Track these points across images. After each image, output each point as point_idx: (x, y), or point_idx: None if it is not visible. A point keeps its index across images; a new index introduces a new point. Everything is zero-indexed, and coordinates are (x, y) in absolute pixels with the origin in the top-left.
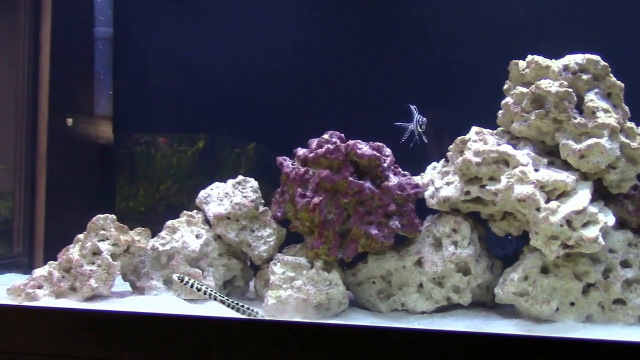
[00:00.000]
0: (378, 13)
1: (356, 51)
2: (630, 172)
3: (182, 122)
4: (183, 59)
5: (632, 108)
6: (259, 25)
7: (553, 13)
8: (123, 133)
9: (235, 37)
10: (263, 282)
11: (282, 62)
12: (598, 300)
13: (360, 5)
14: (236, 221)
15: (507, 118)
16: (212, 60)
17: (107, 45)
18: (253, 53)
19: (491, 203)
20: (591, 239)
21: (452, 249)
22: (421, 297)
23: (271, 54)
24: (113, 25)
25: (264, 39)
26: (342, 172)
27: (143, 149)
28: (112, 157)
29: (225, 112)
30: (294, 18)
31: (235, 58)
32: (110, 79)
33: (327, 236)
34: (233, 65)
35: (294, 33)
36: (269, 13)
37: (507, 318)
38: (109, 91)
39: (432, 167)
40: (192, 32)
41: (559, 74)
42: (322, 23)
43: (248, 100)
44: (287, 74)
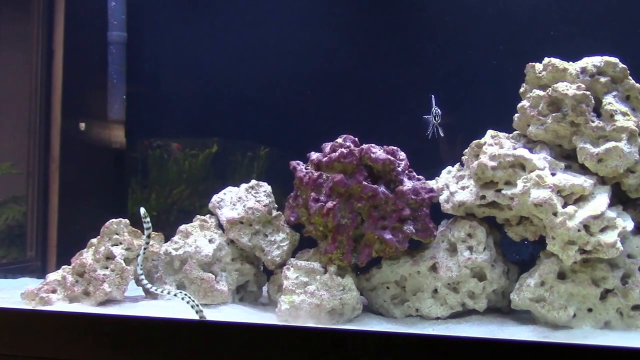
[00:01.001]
0: (392, 16)
1: (370, 54)
2: None
3: (195, 126)
4: (196, 63)
5: None
6: (271, 29)
7: (570, 15)
8: (136, 137)
9: (248, 41)
10: (276, 287)
11: (295, 65)
12: (616, 307)
13: (374, 8)
14: (249, 226)
15: (523, 121)
16: (225, 65)
17: (121, 50)
18: (266, 57)
19: (507, 208)
20: (609, 244)
21: (467, 254)
22: (436, 302)
23: (284, 57)
24: (126, 30)
25: (276, 42)
26: (355, 177)
27: (156, 153)
28: (124, 162)
29: (237, 116)
30: (306, 22)
31: (248, 62)
32: (124, 84)
33: (341, 241)
34: (246, 69)
35: (307, 36)
36: (281, 17)
37: (524, 324)
38: (122, 95)
39: (447, 171)
40: (204, 37)
41: (576, 76)
42: (335, 26)
43: (261, 104)
44: (301, 78)
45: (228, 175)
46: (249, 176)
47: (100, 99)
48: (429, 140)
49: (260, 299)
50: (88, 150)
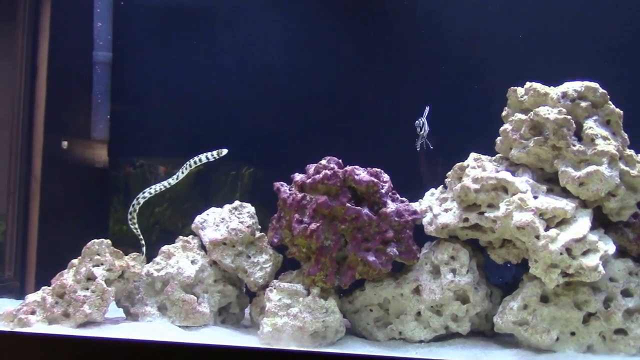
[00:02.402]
0: (376, 39)
1: (355, 76)
2: (630, 200)
3: (178, 145)
4: (180, 84)
5: (632, 136)
6: (256, 50)
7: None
8: (119, 157)
9: (232, 63)
10: (259, 309)
11: (280, 86)
12: (599, 330)
13: (357, 31)
14: (232, 247)
15: (505, 145)
16: (209, 85)
17: (106, 70)
18: (250, 77)
19: (490, 230)
20: (591, 267)
21: (450, 276)
22: (419, 325)
23: (268, 78)
24: (112, 50)
25: (261, 63)
26: (339, 198)
27: (138, 172)
28: (107, 181)
29: (221, 136)
30: (291, 44)
31: (232, 83)
32: (108, 103)
33: (324, 263)
34: (230, 90)
35: (291, 58)
36: (266, 39)
37: (507, 348)
38: (106, 115)
39: (430, 194)
40: (189, 58)
41: (557, 101)
42: (320, 49)
43: (245, 124)
44: (285, 99)
45: (211, 195)
46: (233, 196)
47: (83, 118)
48: (413, 163)
49: (242, 321)
50: (70, 169)
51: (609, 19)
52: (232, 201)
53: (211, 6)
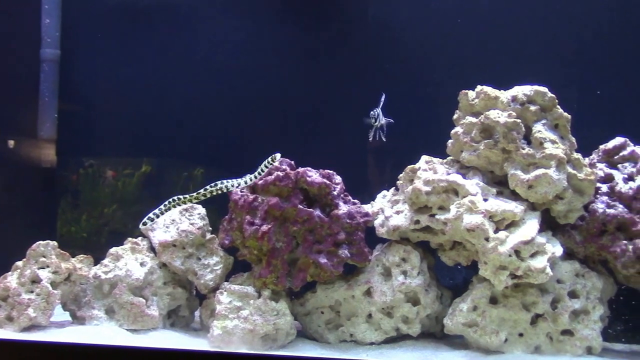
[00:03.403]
0: (329, 40)
1: (307, 77)
2: (577, 203)
3: (129, 145)
4: (131, 83)
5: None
6: (208, 50)
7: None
8: (67, 156)
9: (184, 62)
10: (209, 311)
11: (232, 87)
12: (546, 331)
13: (310, 33)
14: (182, 249)
15: (456, 147)
16: (161, 85)
17: (54, 68)
18: (202, 77)
19: (441, 232)
20: (539, 269)
21: (401, 278)
22: (370, 327)
23: (220, 78)
24: (60, 48)
25: (214, 63)
26: (291, 200)
27: (88, 173)
28: (55, 181)
29: (173, 136)
30: (243, 44)
31: (184, 82)
32: (56, 102)
33: (276, 265)
34: (182, 89)
35: (245, 58)
36: (218, 38)
37: (457, 349)
38: (54, 114)
39: (382, 196)
40: (140, 56)
41: (507, 104)
42: (273, 49)
43: (197, 124)
44: (237, 99)
45: (163, 196)
46: None
47: (30, 116)
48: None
49: (192, 324)
50: (17, 169)
51: (559, 24)
52: None
53: (163, 4)
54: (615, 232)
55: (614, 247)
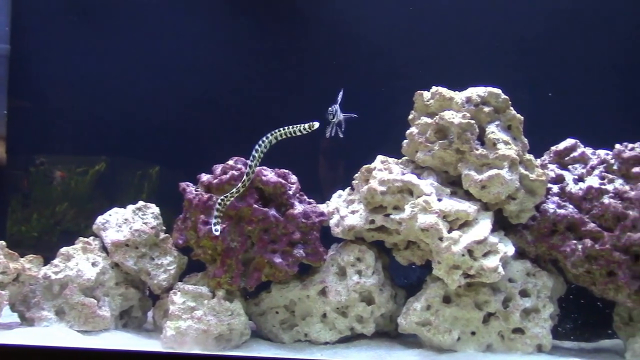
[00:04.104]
0: (283, 40)
1: (263, 77)
2: (529, 203)
3: (82, 143)
4: (83, 79)
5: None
6: (164, 48)
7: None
8: (18, 154)
9: (139, 59)
10: (162, 312)
11: (189, 85)
12: (498, 330)
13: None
14: (135, 248)
15: (411, 148)
16: (115, 82)
17: (3, 63)
18: (157, 75)
19: (395, 232)
20: (491, 268)
21: (356, 278)
22: (325, 327)
23: (177, 76)
24: (10, 42)
25: (168, 61)
26: (246, 199)
27: (39, 171)
28: (4, 179)
29: (127, 134)
30: (199, 42)
31: (138, 79)
32: (5, 98)
33: (230, 265)
34: (137, 86)
35: (201, 57)
36: (174, 36)
37: (410, 348)
38: (3, 110)
39: (337, 195)
40: (93, 52)
41: (462, 105)
42: (229, 48)
43: (152, 122)
44: (195, 98)
45: (117, 195)
46: (139, 196)
47: None
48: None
49: (144, 325)
50: None
51: (514, 27)
52: (136, 202)
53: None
54: (565, 232)
55: (564, 247)
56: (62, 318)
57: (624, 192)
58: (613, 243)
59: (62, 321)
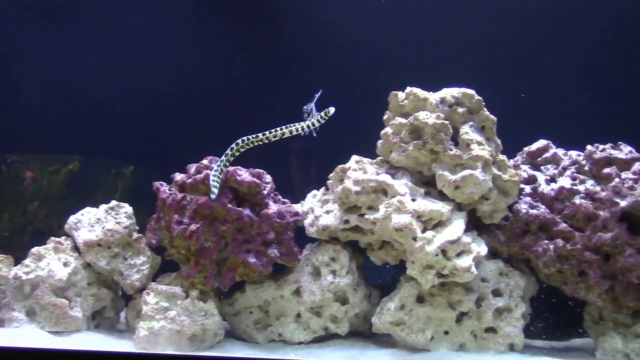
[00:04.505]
0: (258, 39)
1: (238, 77)
2: (501, 203)
3: (55, 141)
4: (56, 76)
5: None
6: (138, 46)
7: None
8: None
9: (114, 57)
10: (135, 312)
11: (163, 83)
12: (471, 329)
13: (240, 30)
14: (108, 248)
15: (386, 148)
16: (89, 80)
17: None
18: (132, 73)
19: (370, 232)
20: (465, 268)
21: (330, 277)
22: (299, 327)
23: (152, 75)
24: None
25: (143, 60)
26: (220, 199)
27: (10, 169)
28: None
29: (101, 133)
30: (172, 40)
31: (113, 78)
32: None
33: (204, 264)
34: (110, 85)
35: (174, 56)
36: (149, 35)
37: (384, 347)
38: None
39: (312, 195)
40: (67, 49)
41: (436, 106)
42: (203, 47)
43: (126, 121)
44: (169, 96)
45: (90, 195)
46: (113, 196)
47: None
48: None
49: (117, 326)
50: None
51: (487, 29)
52: (109, 201)
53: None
54: (537, 232)
55: (536, 247)
56: (33, 319)
57: (595, 192)
58: (584, 243)
59: (33, 322)
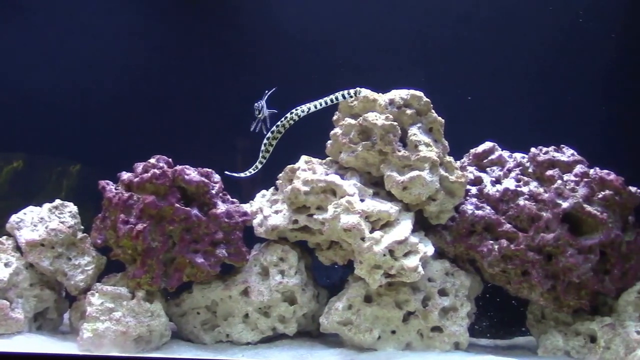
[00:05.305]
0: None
1: (187, 76)
2: (448, 204)
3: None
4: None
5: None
6: (85, 41)
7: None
8: None
9: (59, 54)
10: (79, 314)
11: (111, 81)
12: (417, 328)
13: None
14: (51, 248)
15: (335, 148)
16: (34, 76)
17: None
18: (79, 71)
19: (318, 232)
20: (412, 268)
21: (279, 278)
22: (247, 327)
23: (99, 72)
24: None
25: (89, 57)
26: (168, 198)
27: None
28: None
29: (47, 131)
30: (121, 39)
31: (58, 75)
32: None
33: (151, 265)
34: (57, 83)
35: (122, 54)
36: (96, 32)
37: (332, 347)
38: None
39: (261, 195)
40: (10, 44)
41: (385, 107)
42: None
43: (73, 119)
44: (116, 94)
45: (34, 194)
46: (58, 194)
47: None
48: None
49: (60, 327)
50: None
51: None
52: (52, 200)
53: None
54: (482, 233)
55: (481, 247)
56: None
57: (538, 194)
58: (527, 243)
59: None
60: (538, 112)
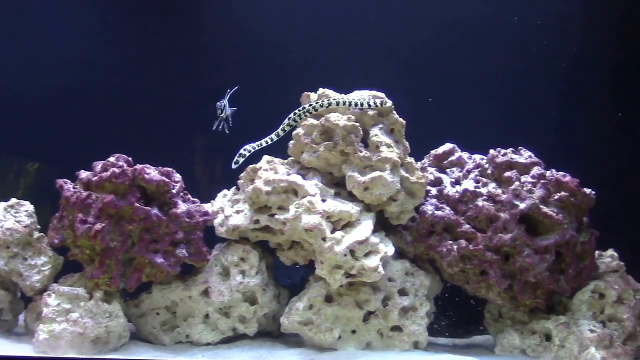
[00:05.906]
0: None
1: (150, 75)
2: (409, 205)
3: None
4: None
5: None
6: (43, 38)
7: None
8: None
9: (17, 50)
10: (35, 315)
11: (70, 79)
12: (378, 328)
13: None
14: (6, 248)
15: (298, 149)
16: None
17: None
18: (36, 67)
19: (280, 232)
20: (372, 268)
21: (240, 278)
22: (207, 328)
23: (57, 69)
24: None
25: (49, 55)
26: (128, 198)
27: None
28: None
29: (3, 128)
30: (83, 37)
31: (18, 71)
32: None
33: (109, 265)
34: (15, 79)
35: (84, 51)
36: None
37: (292, 347)
38: None
39: (223, 195)
40: None
41: (347, 108)
42: (113, 43)
43: (31, 116)
44: (74, 93)
45: None
46: (14, 193)
47: None
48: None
49: (15, 329)
50: None
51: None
52: (8, 200)
53: None
54: (442, 233)
55: (441, 247)
56: None
57: (497, 195)
58: (485, 244)
59: None
60: (497, 115)
